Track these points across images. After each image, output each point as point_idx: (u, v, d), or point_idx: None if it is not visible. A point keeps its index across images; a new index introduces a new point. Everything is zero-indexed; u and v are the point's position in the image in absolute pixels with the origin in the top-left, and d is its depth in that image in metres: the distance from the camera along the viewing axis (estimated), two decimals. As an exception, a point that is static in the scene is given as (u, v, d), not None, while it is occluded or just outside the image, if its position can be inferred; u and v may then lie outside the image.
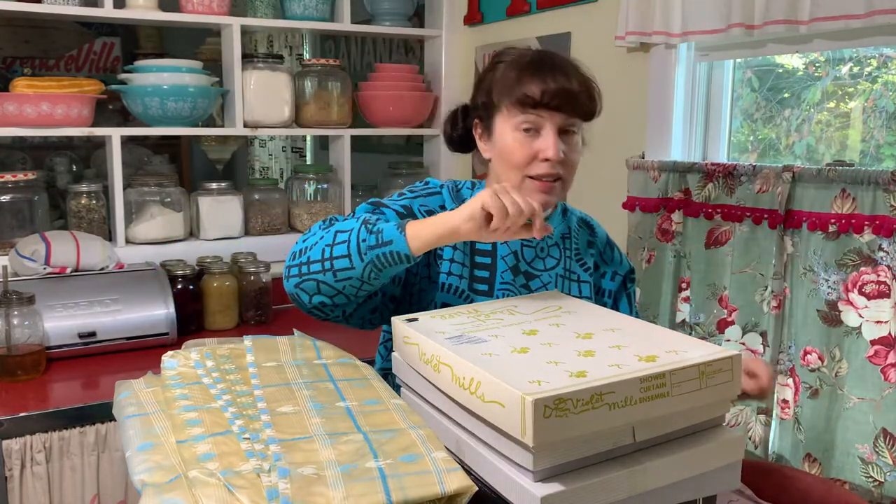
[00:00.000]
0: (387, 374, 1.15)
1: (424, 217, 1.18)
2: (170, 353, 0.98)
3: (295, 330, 1.11)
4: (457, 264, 1.26)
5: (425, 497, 0.70)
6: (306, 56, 3.92)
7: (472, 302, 1.25)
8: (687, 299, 1.83)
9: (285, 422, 0.82)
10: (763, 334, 1.66)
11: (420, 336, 0.94)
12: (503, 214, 1.02)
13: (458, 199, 1.29)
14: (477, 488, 0.73)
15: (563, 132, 1.21)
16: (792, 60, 1.78)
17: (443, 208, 1.27)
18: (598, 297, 1.38)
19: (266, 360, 0.97)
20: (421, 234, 1.05)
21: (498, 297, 1.25)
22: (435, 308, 1.23)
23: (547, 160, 1.19)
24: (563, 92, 1.18)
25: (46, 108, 2.03)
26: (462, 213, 1.04)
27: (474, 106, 1.30)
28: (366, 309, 1.20)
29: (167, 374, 0.94)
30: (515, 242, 1.29)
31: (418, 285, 1.26)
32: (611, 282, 1.39)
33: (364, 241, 1.06)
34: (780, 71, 1.80)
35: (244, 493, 0.69)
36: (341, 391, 0.90)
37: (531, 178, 1.21)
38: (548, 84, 1.18)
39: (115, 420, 0.91)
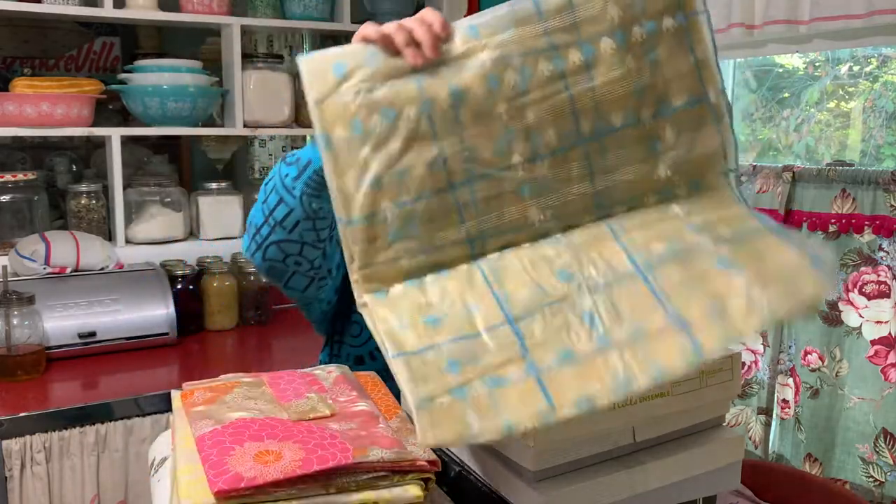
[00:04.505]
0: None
1: None
2: None
3: None
4: None
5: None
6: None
7: None
8: (687, 299, 1.83)
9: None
10: (763, 334, 1.66)
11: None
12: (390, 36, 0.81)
13: None
14: None
15: None
16: (792, 60, 1.78)
17: None
18: None
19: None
20: None
21: None
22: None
23: None
24: None
25: (46, 108, 2.03)
26: None
27: None
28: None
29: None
30: None
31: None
32: None
33: (286, 175, 0.98)
34: (780, 71, 1.80)
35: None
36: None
37: None
38: None
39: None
